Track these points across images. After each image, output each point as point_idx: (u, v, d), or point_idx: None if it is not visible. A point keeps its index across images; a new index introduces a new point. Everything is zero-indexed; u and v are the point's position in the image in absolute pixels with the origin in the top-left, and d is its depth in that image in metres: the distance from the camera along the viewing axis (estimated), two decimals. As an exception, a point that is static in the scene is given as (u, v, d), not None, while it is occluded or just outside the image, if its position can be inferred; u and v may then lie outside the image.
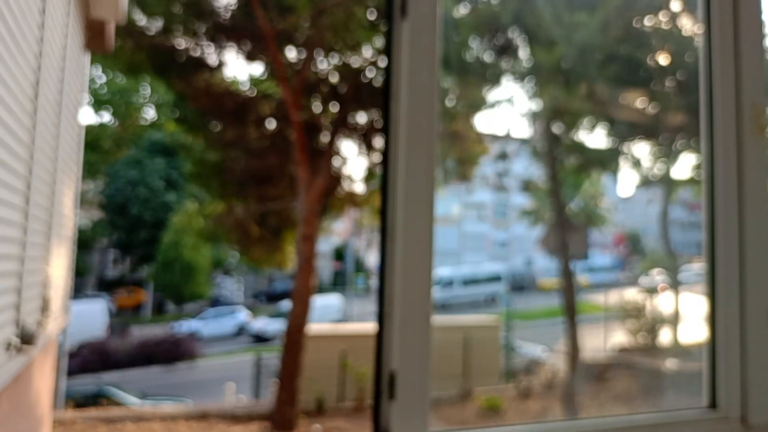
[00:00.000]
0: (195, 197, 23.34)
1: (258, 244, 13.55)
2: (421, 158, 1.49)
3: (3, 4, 2.30)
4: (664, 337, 12.78)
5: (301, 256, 10.81)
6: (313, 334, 11.36)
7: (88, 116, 26.55)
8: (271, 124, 12.35)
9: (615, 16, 9.06)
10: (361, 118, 11.93)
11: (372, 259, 33.70)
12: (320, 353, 11.42)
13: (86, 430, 9.57)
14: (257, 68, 12.97)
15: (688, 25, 9.33)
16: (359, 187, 13.16)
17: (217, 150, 12.97)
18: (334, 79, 11.39)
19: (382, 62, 10.88)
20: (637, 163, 12.24)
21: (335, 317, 22.55)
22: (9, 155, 2.69)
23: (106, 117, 26.64)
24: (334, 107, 11.66)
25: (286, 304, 23.11)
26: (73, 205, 5.17)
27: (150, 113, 27.55)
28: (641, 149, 11.91)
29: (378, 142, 12.08)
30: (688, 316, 12.49)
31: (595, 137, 12.34)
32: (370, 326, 14.69)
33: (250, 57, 11.34)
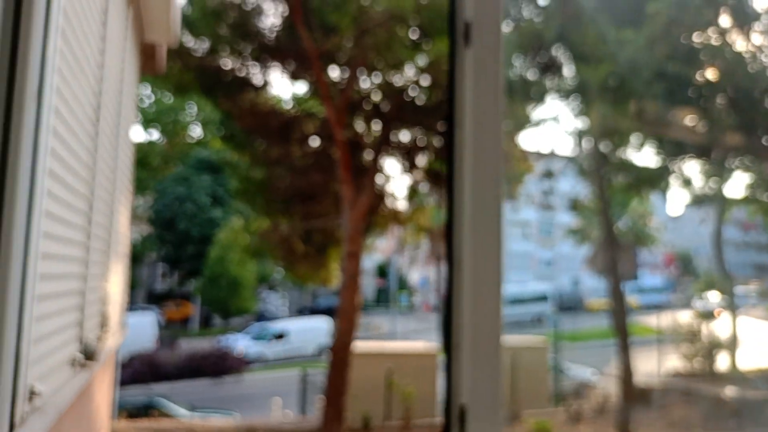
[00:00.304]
0: (241, 213, 23.73)
1: (303, 260, 13.64)
2: (487, 187, 1.48)
3: (70, 33, 2.39)
4: (722, 362, 12.31)
5: (346, 274, 10.84)
6: (359, 352, 11.35)
7: (137, 134, 27.40)
8: (315, 142, 12.47)
9: (663, 32, 8.88)
10: (404, 136, 11.95)
11: (415, 276, 33.58)
12: (366, 371, 11.38)
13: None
14: (301, 87, 13.16)
15: (739, 41, 9.09)
16: (402, 205, 13.16)
17: (263, 167, 13.15)
18: (376, 97, 11.46)
19: (425, 81, 10.92)
20: (687, 182, 11.94)
21: (323, 341, 22.28)
22: (74, 178, 2.78)
23: (155, 135, 27.46)
24: (377, 125, 11.72)
25: (276, 326, 23.20)
26: (128, 223, 5.32)
27: (196, 131, 28.27)
28: (691, 168, 11.62)
29: (420, 160, 12.08)
30: (746, 341, 12.02)
31: (643, 155, 12.09)
32: (414, 345, 14.60)
33: (295, 76, 11.52)
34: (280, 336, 22.57)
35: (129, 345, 18.18)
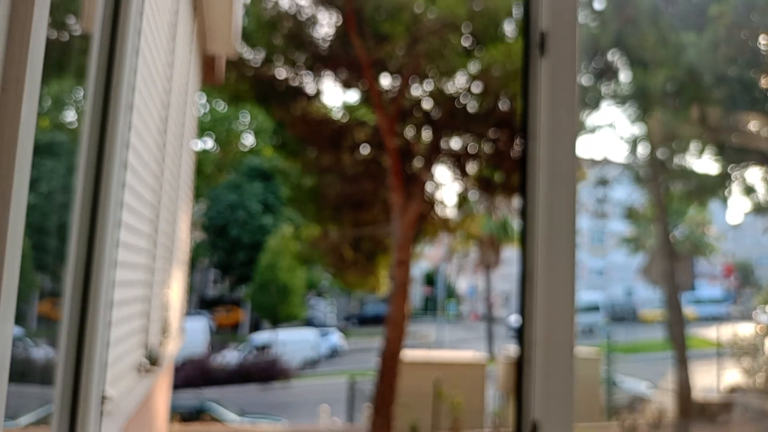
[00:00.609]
0: (291, 220, 24.07)
1: (352, 267, 13.70)
2: (561, 199, 1.46)
3: (146, 49, 2.48)
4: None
5: (396, 282, 10.84)
6: (408, 361, 11.32)
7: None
8: (365, 150, 12.54)
9: (726, 34, 8.60)
10: (455, 143, 11.90)
11: (463, 285, 33.33)
12: (414, 380, 11.34)
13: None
14: (353, 96, 13.26)
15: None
16: (452, 213, 13.09)
17: (314, 175, 13.29)
18: (427, 105, 11.45)
19: (476, 88, 10.86)
20: (749, 190, 11.51)
21: (309, 354, 21.90)
22: (143, 187, 2.87)
23: (209, 143, 28.13)
24: (428, 133, 11.70)
25: (261, 337, 22.78)
26: (188, 230, 5.45)
27: (249, 139, 28.84)
28: (754, 174, 11.20)
29: (471, 167, 12.00)
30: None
31: (703, 162, 11.71)
32: (463, 354, 14.48)
33: (347, 85, 11.62)
34: (263, 348, 21.86)
35: (182, 349, 18.57)
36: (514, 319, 26.87)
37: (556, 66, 1.49)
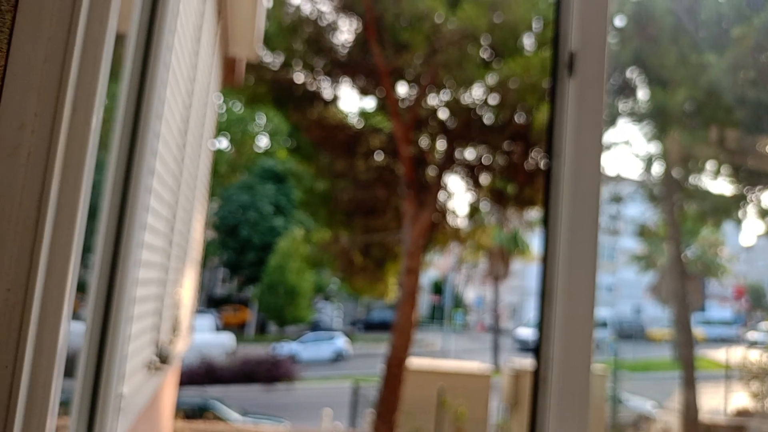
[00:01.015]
0: (302, 223, 24.14)
1: (360, 272, 13.72)
2: (584, 217, 1.47)
3: (174, 54, 2.51)
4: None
5: (404, 289, 10.84)
6: (413, 369, 11.30)
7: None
8: (379, 157, 12.57)
9: (748, 56, 8.57)
10: (469, 154, 11.91)
11: (470, 295, 33.25)
12: (418, 388, 11.31)
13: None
14: (369, 102, 13.31)
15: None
16: (463, 223, 13.09)
17: (327, 179, 13.34)
18: (443, 114, 11.47)
19: (493, 100, 10.88)
20: (764, 212, 11.43)
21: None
22: (163, 188, 2.90)
23: (224, 143, 28.27)
24: (443, 142, 11.72)
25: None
26: (202, 229, 5.49)
27: (264, 141, 28.97)
28: (768, 197, 11.12)
29: (484, 178, 12.00)
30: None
31: (718, 183, 11.65)
32: (468, 365, 14.43)
33: (364, 91, 11.67)
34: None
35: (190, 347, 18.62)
36: (521, 332, 26.77)
37: (584, 86, 1.50)
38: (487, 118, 11.00)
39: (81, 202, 0.84)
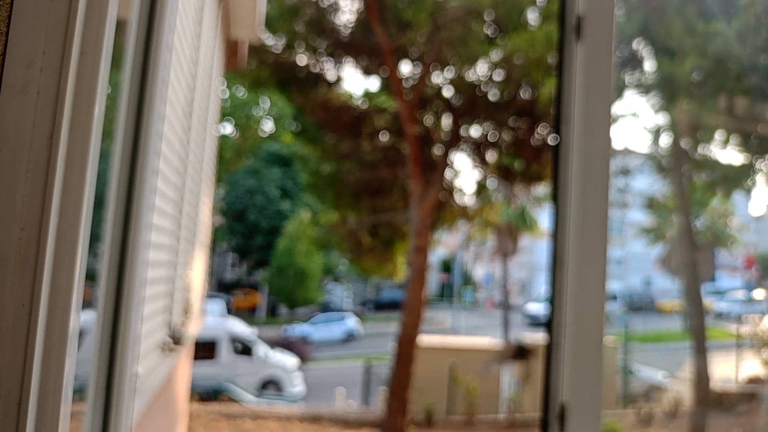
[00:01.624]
0: (309, 206, 24.17)
1: (369, 253, 13.74)
2: (595, 183, 1.46)
3: (177, 35, 2.49)
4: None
5: (413, 268, 10.86)
6: (424, 346, 11.39)
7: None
8: (385, 137, 12.52)
9: (756, 24, 8.43)
10: (475, 131, 11.84)
11: (479, 272, 33.30)
12: (430, 365, 11.41)
13: (210, 423, 10.12)
14: (373, 83, 13.22)
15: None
16: (470, 200, 13.06)
17: (332, 161, 13.32)
18: (448, 92, 11.39)
19: (498, 76, 10.78)
20: (774, 181, 11.33)
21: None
22: (169, 169, 2.90)
23: (228, 129, 28.22)
24: (448, 120, 11.66)
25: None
26: (210, 213, 5.50)
27: (268, 125, 28.91)
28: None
29: (490, 155, 11.94)
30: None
31: (727, 153, 11.56)
32: (479, 341, 14.51)
33: (367, 72, 11.58)
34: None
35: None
36: (531, 307, 26.83)
37: (592, 50, 1.48)
38: (493, 95, 10.91)
39: (92, 140, 0.83)
